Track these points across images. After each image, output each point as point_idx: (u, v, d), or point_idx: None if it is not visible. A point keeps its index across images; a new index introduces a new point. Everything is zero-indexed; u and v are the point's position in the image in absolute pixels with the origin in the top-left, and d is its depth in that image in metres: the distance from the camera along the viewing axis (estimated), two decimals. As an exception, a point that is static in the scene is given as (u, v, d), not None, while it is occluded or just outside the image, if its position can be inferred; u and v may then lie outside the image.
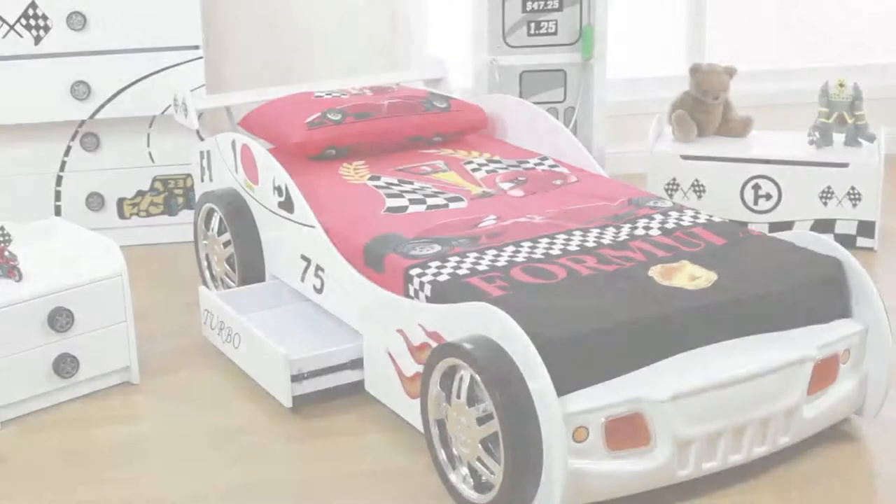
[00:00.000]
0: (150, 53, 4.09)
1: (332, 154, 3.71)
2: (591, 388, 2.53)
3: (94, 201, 4.25)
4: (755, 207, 4.16)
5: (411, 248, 2.99)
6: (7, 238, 3.27)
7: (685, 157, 4.20)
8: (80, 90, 4.05)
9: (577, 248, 2.97)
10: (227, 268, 3.63)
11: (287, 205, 3.33)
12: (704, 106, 4.30)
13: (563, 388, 2.49)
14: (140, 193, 4.29)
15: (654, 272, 2.81)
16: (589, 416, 2.49)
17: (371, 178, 3.52)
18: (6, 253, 3.15)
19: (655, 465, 2.56)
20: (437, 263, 2.89)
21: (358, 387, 3.13)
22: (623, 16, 5.02)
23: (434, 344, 2.71)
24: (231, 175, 3.64)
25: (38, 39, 4.03)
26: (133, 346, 3.27)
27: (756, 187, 4.14)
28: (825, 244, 2.93)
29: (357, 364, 3.11)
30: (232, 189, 3.63)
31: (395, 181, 3.49)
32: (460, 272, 2.84)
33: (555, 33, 4.39)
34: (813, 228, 4.11)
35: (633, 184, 4.58)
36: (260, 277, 3.56)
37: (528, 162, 3.68)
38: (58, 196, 4.23)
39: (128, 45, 4.08)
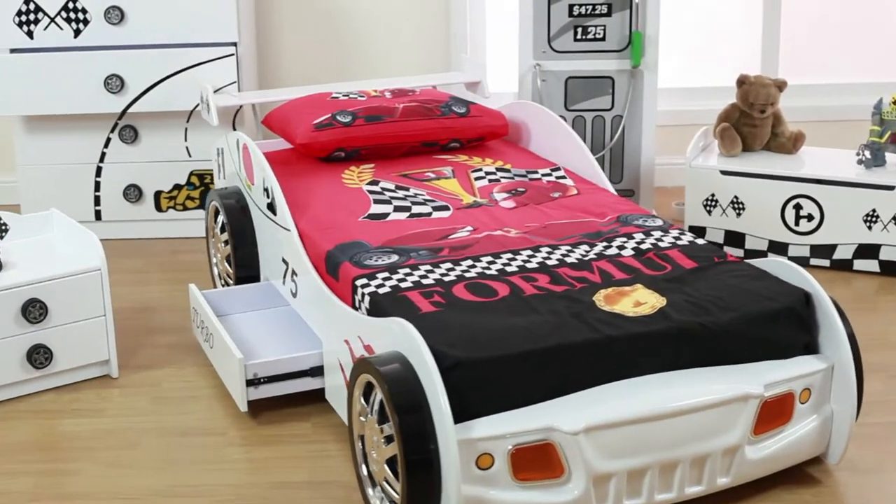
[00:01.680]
0: (184, 49, 4.12)
1: (341, 156, 3.67)
2: (502, 415, 2.42)
3: (132, 193, 4.31)
4: (796, 228, 3.94)
5: (368, 258, 2.92)
6: (5, 228, 3.35)
7: (724, 173, 4.01)
8: (114, 83, 4.10)
9: (536, 266, 2.86)
10: (227, 266, 3.62)
11: (272, 207, 3.31)
12: (751, 119, 4.10)
13: (472, 411, 2.40)
14: (177, 187, 4.33)
15: (600, 296, 2.68)
16: (494, 443, 2.38)
17: (370, 183, 3.46)
18: (-10, 243, 3.22)
19: (569, 499, 2.43)
20: (385, 275, 2.81)
21: (323, 395, 3.09)
22: (699, 25, 4.87)
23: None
24: (236, 174, 3.64)
25: (77, 32, 4.11)
26: (112, 340, 3.29)
27: (797, 207, 3.93)
28: (796, 274, 2.75)
29: (318, 372, 3.06)
30: (236, 188, 3.63)
31: (392, 187, 3.43)
32: (403, 285, 2.76)
33: (603, 39, 4.26)
34: (856, 253, 3.88)
35: (676, 198, 4.45)
36: (257, 278, 3.54)
37: (536, 172, 3.57)
38: (97, 186, 4.31)
39: (163, 40, 4.12)
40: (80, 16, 4.09)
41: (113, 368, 3.31)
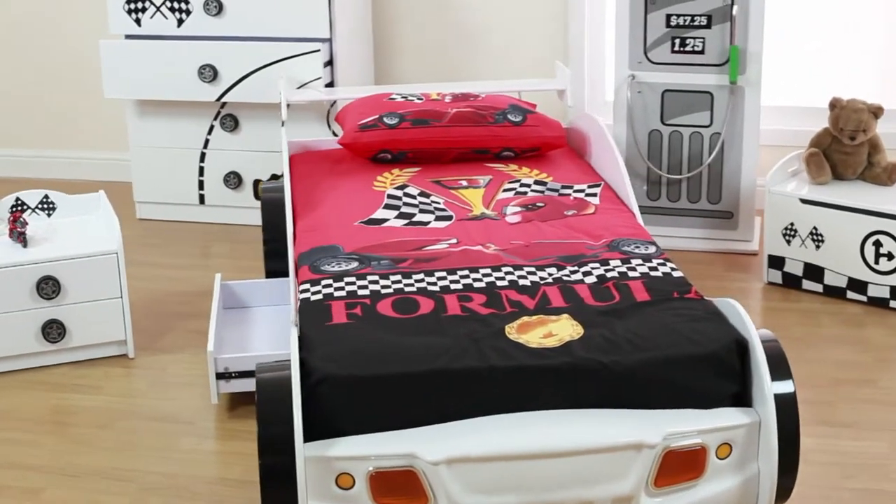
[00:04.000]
0: (273, 43, 4.21)
1: (387, 158, 3.67)
2: (367, 436, 2.37)
3: (232, 180, 4.44)
4: (876, 266, 3.64)
5: (328, 263, 2.91)
6: (52, 206, 3.55)
7: (804, 201, 3.74)
8: (207, 73, 4.24)
9: (483, 286, 2.77)
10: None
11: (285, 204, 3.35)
12: (842, 146, 3.80)
13: (342, 429, 2.37)
14: (274, 177, 4.43)
15: (515, 323, 2.56)
16: (354, 464, 2.33)
17: (398, 187, 3.44)
18: (20, 219, 3.40)
19: (433, 529, 2.36)
20: (328, 282, 2.80)
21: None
22: (845, 41, 4.56)
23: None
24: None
25: (180, 22, 4.27)
26: (128, 321, 3.42)
27: (877, 244, 3.62)
28: (738, 318, 2.54)
29: (290, 371, 3.08)
30: (281, 183, 3.68)
31: (416, 193, 3.39)
32: (337, 294, 2.74)
33: (702, 52, 4.06)
34: (938, 299, 3.56)
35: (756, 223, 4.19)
36: (287, 273, 3.59)
37: (571, 187, 3.45)
38: (201, 171, 4.47)
39: (258, 33, 4.23)
40: (183, 6, 4.24)
41: (130, 349, 3.44)
